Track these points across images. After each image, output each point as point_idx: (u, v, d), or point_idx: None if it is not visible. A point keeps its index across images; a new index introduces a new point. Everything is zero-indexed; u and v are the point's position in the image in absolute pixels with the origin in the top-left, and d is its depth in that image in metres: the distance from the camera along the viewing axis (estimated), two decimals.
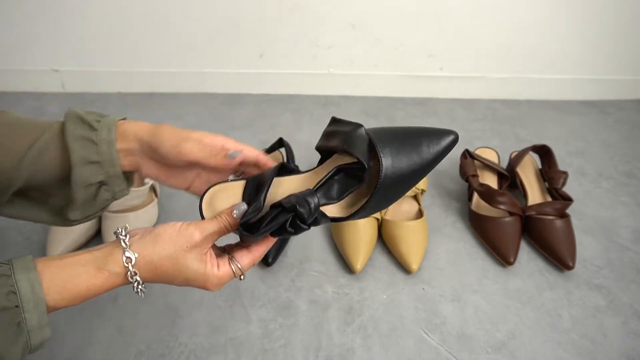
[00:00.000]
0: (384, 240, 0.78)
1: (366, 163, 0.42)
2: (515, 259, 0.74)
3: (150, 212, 0.80)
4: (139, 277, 0.39)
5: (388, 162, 0.41)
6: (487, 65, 1.20)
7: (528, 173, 0.89)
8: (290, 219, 0.40)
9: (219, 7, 1.09)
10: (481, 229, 0.79)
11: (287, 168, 0.47)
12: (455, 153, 1.03)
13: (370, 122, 1.14)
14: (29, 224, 0.80)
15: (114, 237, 0.41)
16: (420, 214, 0.80)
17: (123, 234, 0.40)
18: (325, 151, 0.47)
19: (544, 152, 0.88)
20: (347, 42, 1.16)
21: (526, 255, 0.77)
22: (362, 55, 1.19)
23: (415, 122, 1.15)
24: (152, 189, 0.83)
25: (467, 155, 0.88)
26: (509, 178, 0.86)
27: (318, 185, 0.44)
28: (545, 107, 1.23)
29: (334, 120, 0.47)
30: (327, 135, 0.46)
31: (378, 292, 0.71)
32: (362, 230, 0.74)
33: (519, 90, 1.25)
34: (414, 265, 0.72)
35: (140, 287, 0.40)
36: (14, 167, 0.42)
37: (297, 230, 0.41)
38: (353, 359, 0.61)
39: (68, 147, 0.43)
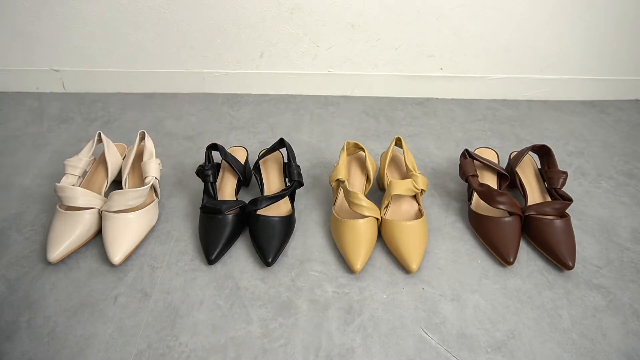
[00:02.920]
0: (384, 240, 0.78)
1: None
2: (514, 258, 0.74)
3: (151, 212, 0.80)
4: None
5: None
6: (487, 65, 1.21)
7: (527, 173, 0.89)
8: None
9: (219, 7, 1.10)
10: (481, 229, 0.79)
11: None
12: (455, 153, 1.03)
13: (370, 122, 1.15)
14: (29, 224, 0.81)
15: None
16: (420, 214, 0.80)
17: None
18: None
19: (544, 152, 0.89)
20: (347, 42, 1.16)
21: (526, 255, 0.77)
22: (362, 55, 1.19)
23: (415, 122, 1.15)
24: (153, 188, 0.83)
25: (467, 155, 0.88)
26: (509, 178, 0.86)
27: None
28: (545, 107, 1.24)
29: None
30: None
31: (378, 291, 0.71)
32: (362, 230, 0.74)
33: (519, 90, 1.26)
34: (413, 265, 0.72)
35: None
36: None
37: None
38: (353, 358, 0.62)
39: None
